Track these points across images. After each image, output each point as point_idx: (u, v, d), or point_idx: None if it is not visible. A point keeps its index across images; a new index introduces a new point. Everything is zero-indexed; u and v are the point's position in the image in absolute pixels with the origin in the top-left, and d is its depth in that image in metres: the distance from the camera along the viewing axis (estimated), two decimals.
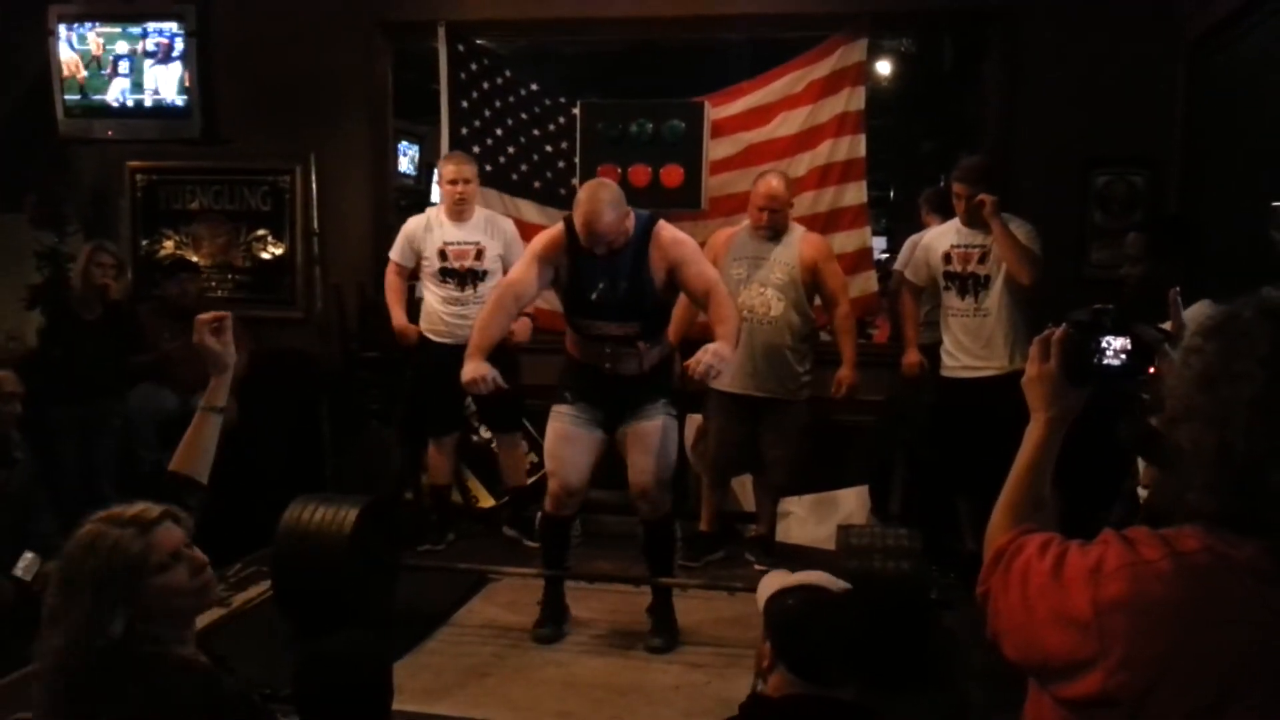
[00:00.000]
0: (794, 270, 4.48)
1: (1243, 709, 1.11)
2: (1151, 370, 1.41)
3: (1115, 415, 2.57)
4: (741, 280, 4.51)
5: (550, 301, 5.21)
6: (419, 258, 4.80)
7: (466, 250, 4.75)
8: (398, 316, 4.85)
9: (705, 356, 3.38)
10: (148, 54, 5.45)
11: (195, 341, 2.10)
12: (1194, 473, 1.17)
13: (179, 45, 5.37)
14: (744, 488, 5.05)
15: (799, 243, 4.54)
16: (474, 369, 3.51)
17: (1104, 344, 1.40)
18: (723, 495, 4.86)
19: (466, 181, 4.74)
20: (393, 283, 4.88)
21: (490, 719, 3.25)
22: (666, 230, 3.66)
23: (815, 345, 4.68)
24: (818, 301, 4.61)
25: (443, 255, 4.74)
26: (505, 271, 4.78)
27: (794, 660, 1.98)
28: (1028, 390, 1.46)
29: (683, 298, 4.57)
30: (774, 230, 4.52)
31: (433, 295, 4.80)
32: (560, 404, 3.80)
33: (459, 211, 4.76)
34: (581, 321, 3.74)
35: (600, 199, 3.47)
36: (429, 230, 4.79)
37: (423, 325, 4.84)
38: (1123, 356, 1.40)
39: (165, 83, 5.43)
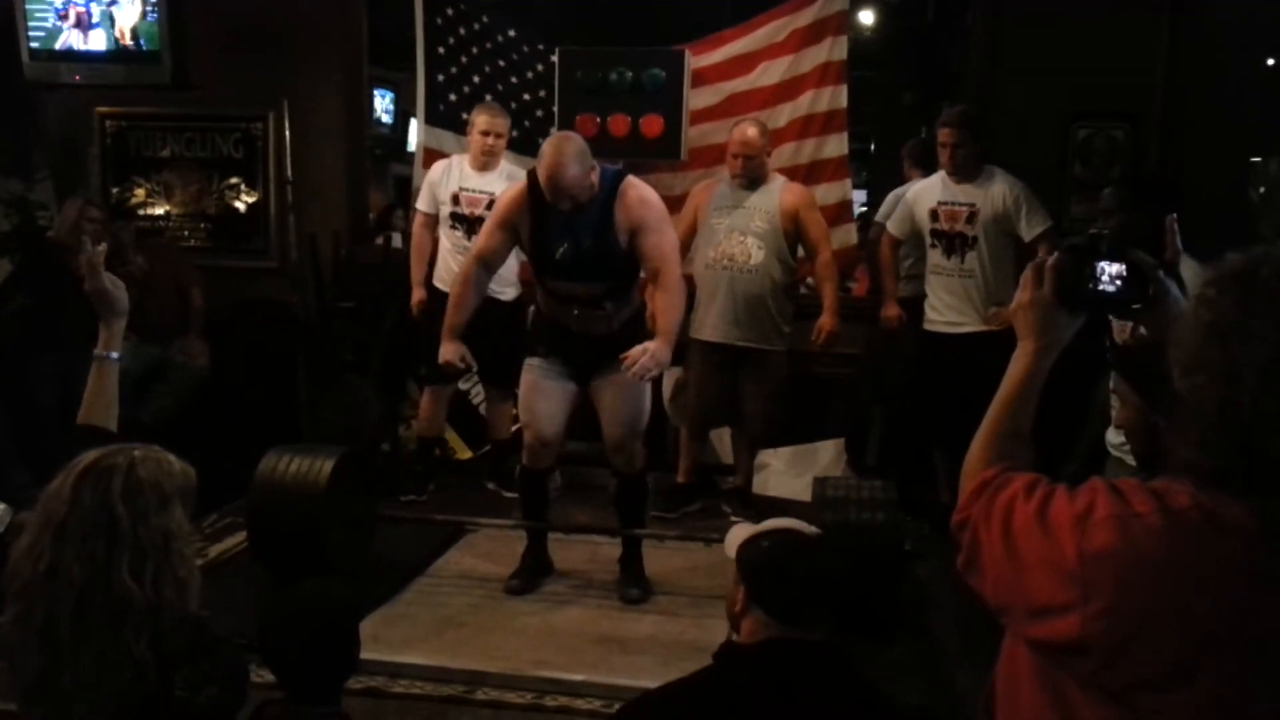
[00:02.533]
0: (775, 218, 4.45)
1: (1216, 670, 1.11)
2: (1148, 295, 1.37)
3: (1078, 368, 2.58)
4: (722, 229, 4.48)
5: None
6: (438, 203, 4.74)
7: (479, 199, 4.68)
8: (417, 291, 4.76)
9: (643, 358, 3.34)
10: None
11: (94, 287, 2.06)
12: (1192, 426, 1.15)
13: None
14: (722, 440, 5.06)
15: (780, 191, 4.50)
16: (448, 350, 3.61)
17: (1099, 270, 1.36)
18: (701, 447, 4.87)
19: (499, 135, 4.68)
20: (419, 237, 4.79)
21: (467, 669, 3.25)
22: (634, 189, 3.54)
23: (796, 297, 4.66)
24: (801, 254, 4.59)
25: (456, 200, 4.69)
26: None
27: (770, 601, 1.97)
28: (1017, 318, 1.41)
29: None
30: (750, 178, 4.48)
31: (445, 244, 4.75)
32: (532, 357, 3.77)
33: (484, 162, 4.70)
34: (548, 281, 3.69)
35: (564, 152, 3.38)
36: (448, 173, 4.74)
37: (436, 275, 4.78)
38: (1118, 283, 1.36)
39: (134, 26, 5.31)
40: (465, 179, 4.71)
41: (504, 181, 4.70)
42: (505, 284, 4.75)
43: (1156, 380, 1.23)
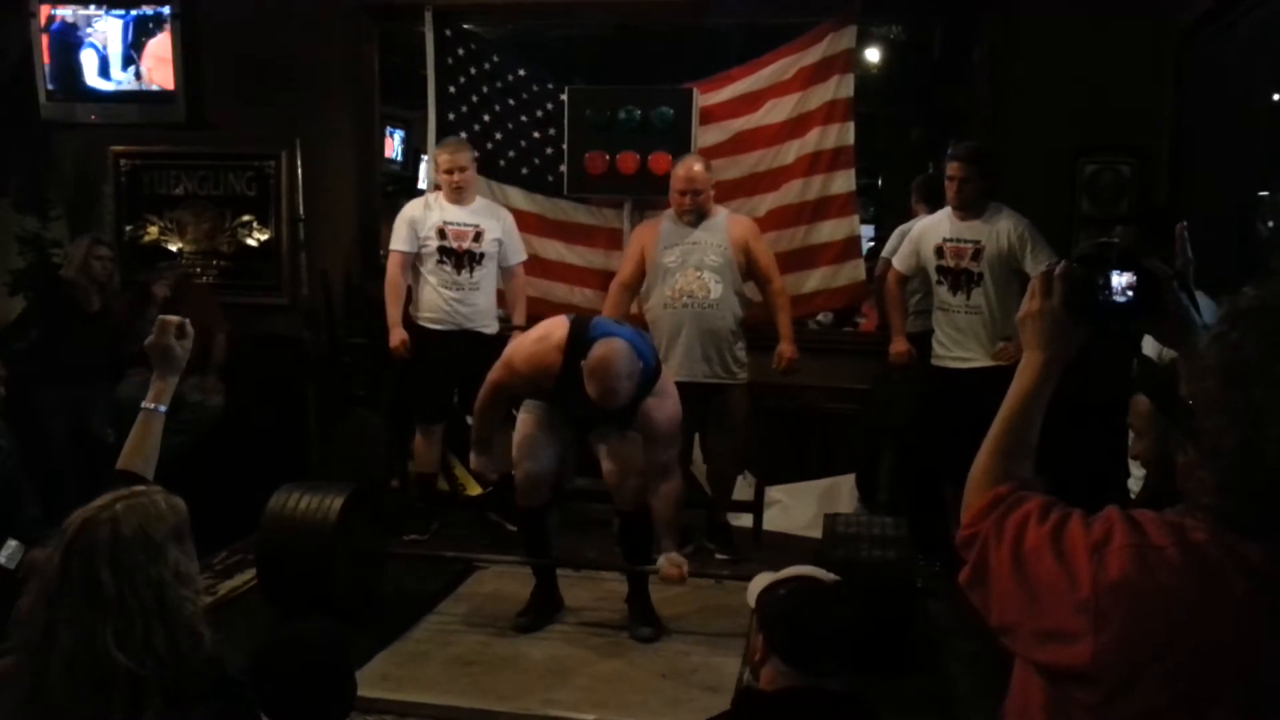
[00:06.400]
0: (726, 251, 4.46)
1: (1226, 706, 1.11)
2: (1160, 305, 1.34)
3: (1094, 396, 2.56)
4: (675, 267, 4.47)
5: (539, 289, 5.21)
6: (420, 241, 4.73)
7: (466, 231, 4.71)
8: (397, 332, 4.72)
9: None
10: (132, 37, 5.41)
11: (158, 343, 2.08)
12: (1211, 467, 1.13)
13: (163, 29, 5.32)
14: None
15: (727, 224, 4.52)
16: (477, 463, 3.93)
17: (1110, 279, 1.33)
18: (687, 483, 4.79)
19: (462, 170, 4.70)
20: (394, 279, 4.73)
21: (476, 708, 3.24)
22: (660, 407, 3.61)
23: (748, 328, 4.61)
24: (757, 299, 4.58)
25: (441, 234, 4.70)
26: (500, 257, 4.78)
27: (788, 651, 1.98)
28: (1024, 327, 1.37)
29: (621, 278, 4.63)
30: (698, 214, 4.49)
31: (429, 281, 4.74)
32: (531, 397, 3.78)
33: (457, 197, 4.74)
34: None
35: (618, 375, 3.37)
36: (428, 210, 4.76)
37: (421, 313, 4.78)
38: (1129, 293, 1.32)
39: (149, 67, 5.38)
40: (447, 213, 4.73)
41: (484, 214, 4.77)
42: (487, 318, 4.78)
43: (1181, 405, 1.20)
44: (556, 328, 3.64)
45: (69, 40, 5.43)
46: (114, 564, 1.53)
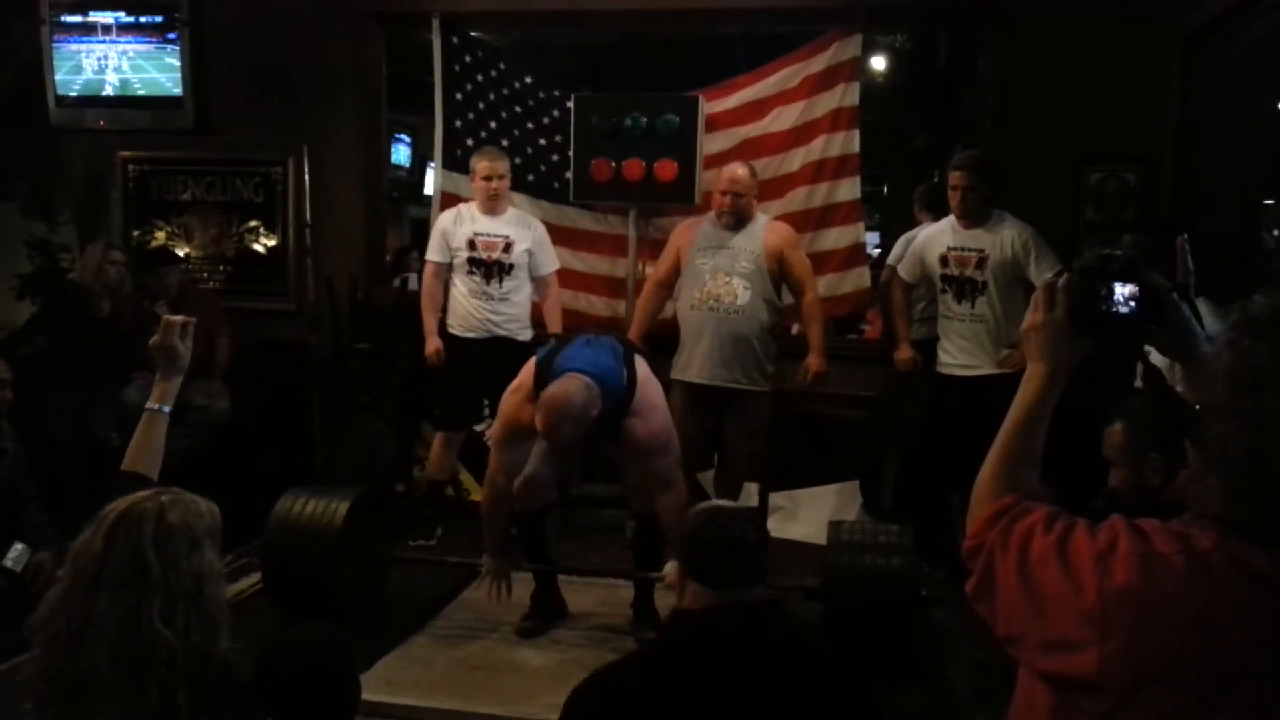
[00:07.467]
0: (760, 259, 4.44)
1: (1232, 713, 1.11)
2: (1160, 319, 1.34)
3: (1097, 405, 2.58)
4: (707, 270, 4.47)
5: (570, 301, 5.20)
6: (451, 252, 4.76)
7: (495, 242, 4.73)
8: (432, 341, 4.77)
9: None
10: (140, 43, 5.44)
11: (163, 343, 2.09)
12: (1218, 474, 1.14)
13: (172, 35, 5.35)
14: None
15: (764, 231, 4.50)
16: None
17: (1112, 291, 1.34)
18: (691, 489, 4.81)
19: (501, 177, 4.72)
20: (430, 287, 4.80)
21: (481, 712, 3.24)
22: (641, 425, 3.52)
23: (777, 337, 4.62)
24: (789, 301, 4.58)
25: (471, 245, 4.72)
26: (532, 267, 4.78)
27: (696, 567, 2.06)
28: (1027, 340, 1.38)
29: (657, 276, 4.62)
30: (737, 218, 4.47)
31: (460, 289, 4.77)
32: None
33: (492, 206, 4.75)
34: None
35: (564, 416, 3.28)
36: (459, 223, 4.78)
37: (452, 320, 4.81)
38: (1131, 304, 1.33)
39: (158, 73, 5.41)
40: (478, 223, 4.75)
41: (515, 225, 4.77)
42: (522, 325, 4.79)
43: (1187, 412, 1.21)
44: (522, 378, 3.60)
45: (78, 45, 5.46)
46: (159, 548, 1.54)
